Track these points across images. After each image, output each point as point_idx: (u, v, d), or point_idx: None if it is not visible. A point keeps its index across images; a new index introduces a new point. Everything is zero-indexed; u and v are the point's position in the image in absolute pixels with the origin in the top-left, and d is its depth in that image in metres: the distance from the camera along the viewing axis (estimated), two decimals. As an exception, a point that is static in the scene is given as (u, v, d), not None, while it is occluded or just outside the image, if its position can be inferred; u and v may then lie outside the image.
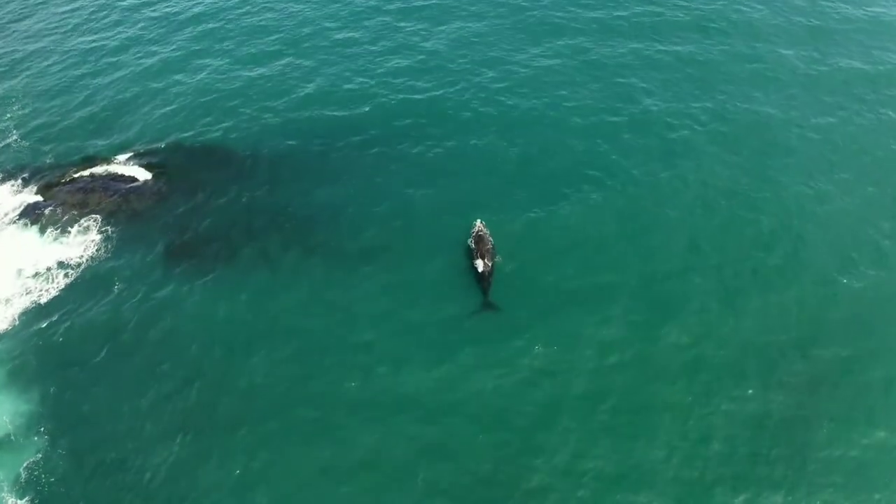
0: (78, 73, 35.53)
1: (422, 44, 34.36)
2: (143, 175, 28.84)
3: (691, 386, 20.34)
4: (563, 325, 21.97)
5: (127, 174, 28.82)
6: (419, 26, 35.55)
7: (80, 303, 24.30)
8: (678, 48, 32.96)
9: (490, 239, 23.92)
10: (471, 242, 24.02)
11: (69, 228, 26.76)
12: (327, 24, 36.60)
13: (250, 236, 25.91)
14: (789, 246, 24.04)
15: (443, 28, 34.95)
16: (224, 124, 31.12)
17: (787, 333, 21.64)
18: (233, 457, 19.77)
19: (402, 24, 35.89)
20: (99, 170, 29.12)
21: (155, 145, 30.37)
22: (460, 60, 32.85)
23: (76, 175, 28.99)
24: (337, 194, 27.02)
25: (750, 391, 20.27)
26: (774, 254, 23.80)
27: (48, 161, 30.21)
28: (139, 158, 29.73)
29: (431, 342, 21.88)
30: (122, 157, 29.79)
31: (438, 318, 22.56)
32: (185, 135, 30.78)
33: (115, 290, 24.55)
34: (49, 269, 25.38)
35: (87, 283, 24.94)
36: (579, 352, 21.25)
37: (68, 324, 23.60)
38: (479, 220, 24.90)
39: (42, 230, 26.79)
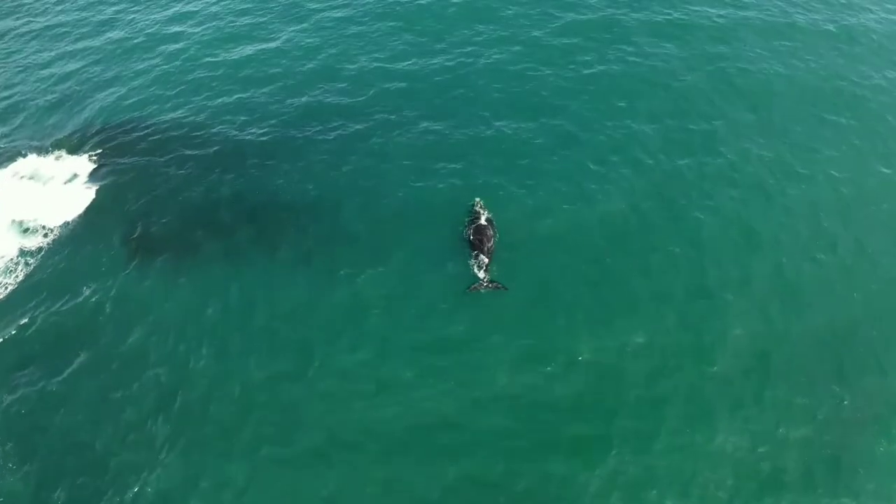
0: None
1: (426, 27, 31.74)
2: (103, 163, 26.00)
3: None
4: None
5: (86, 162, 26.03)
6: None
7: (43, 300, 21.40)
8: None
9: (490, 232, 21.42)
10: (469, 234, 21.48)
11: (28, 218, 23.84)
12: (316, 5, 33.82)
13: (230, 229, 23.06)
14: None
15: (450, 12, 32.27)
16: (200, 106, 28.26)
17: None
18: (225, 481, 17.03)
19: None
20: (54, 158, 26.36)
21: (119, 131, 27.52)
22: (468, 46, 30.29)
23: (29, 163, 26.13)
24: (325, 182, 24.27)
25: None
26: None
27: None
28: (99, 146, 26.80)
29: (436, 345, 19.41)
30: (79, 144, 26.94)
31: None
32: (154, 119, 27.94)
33: (81, 288, 21.64)
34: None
35: (50, 280, 22.05)
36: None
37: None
38: (477, 200, 22.59)
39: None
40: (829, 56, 28.66)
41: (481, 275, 20.43)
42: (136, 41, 32.76)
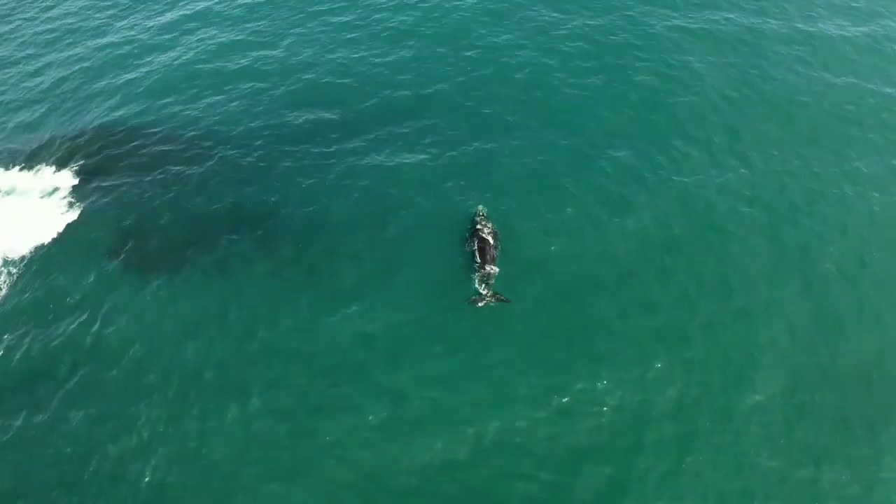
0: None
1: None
2: (89, 177, 24.78)
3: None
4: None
5: (70, 176, 24.84)
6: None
7: (24, 323, 20.33)
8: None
9: (493, 241, 20.43)
10: (472, 245, 20.44)
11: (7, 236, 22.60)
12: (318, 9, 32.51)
13: (226, 247, 21.89)
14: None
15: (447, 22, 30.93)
16: (194, 118, 26.98)
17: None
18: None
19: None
20: (34, 172, 25.11)
21: (106, 142, 26.29)
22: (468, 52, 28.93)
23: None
24: (325, 197, 23.04)
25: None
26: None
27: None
28: (85, 158, 25.58)
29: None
30: (64, 157, 25.71)
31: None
32: (144, 130, 26.63)
33: (65, 310, 20.55)
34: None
35: (32, 301, 20.88)
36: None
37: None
38: (480, 208, 21.58)
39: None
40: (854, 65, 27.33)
41: (483, 288, 19.43)
42: (125, 49, 31.49)
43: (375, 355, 18.56)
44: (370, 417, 17.27)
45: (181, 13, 33.33)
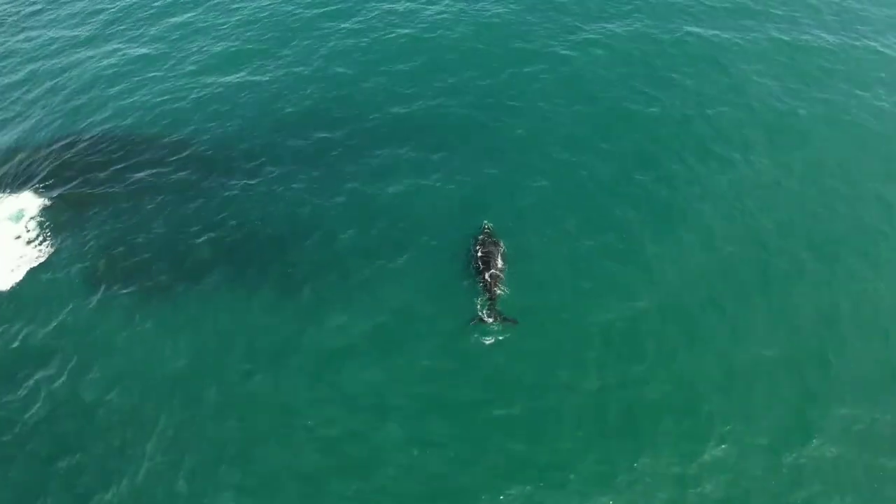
0: None
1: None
2: (57, 194, 22.73)
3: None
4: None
5: (33, 196, 22.77)
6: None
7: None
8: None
9: (499, 260, 19.14)
10: (476, 261, 19.11)
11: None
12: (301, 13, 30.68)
13: (208, 266, 20.19)
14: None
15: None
16: (169, 128, 25.15)
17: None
18: None
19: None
20: None
21: (76, 156, 24.36)
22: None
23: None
24: (314, 213, 21.46)
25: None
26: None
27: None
28: (53, 175, 23.52)
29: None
30: (29, 175, 23.59)
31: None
32: (117, 143, 24.75)
33: (33, 336, 18.80)
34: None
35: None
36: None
37: None
38: (486, 223, 20.30)
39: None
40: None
41: (487, 310, 18.05)
42: (103, 63, 29.28)
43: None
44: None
45: (160, 23, 31.35)
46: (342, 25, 29.49)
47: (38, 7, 34.13)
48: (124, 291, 19.72)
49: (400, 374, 17.17)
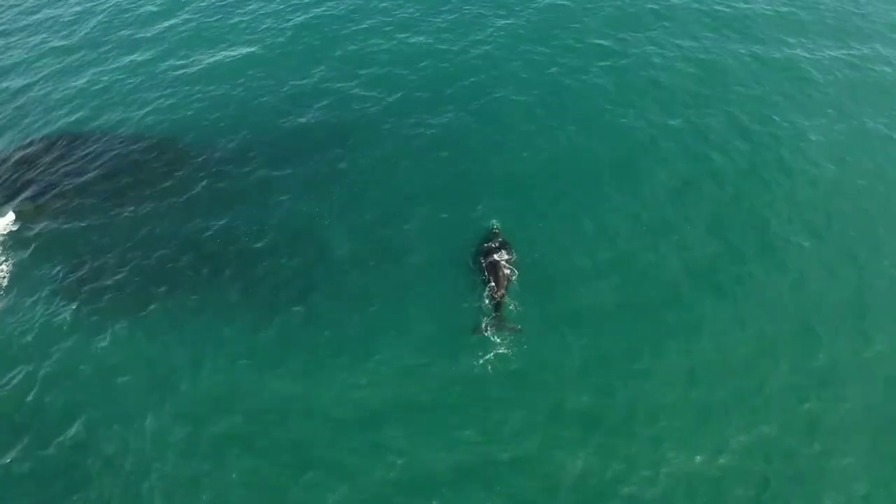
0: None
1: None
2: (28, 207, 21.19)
3: None
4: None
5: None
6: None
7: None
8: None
9: (507, 264, 17.74)
10: (482, 264, 17.84)
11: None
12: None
13: (195, 286, 18.59)
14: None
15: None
16: (153, 129, 23.73)
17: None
18: None
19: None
20: None
21: (49, 161, 22.93)
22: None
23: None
24: (309, 223, 19.93)
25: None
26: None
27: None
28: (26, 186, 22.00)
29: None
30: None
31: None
32: (95, 146, 23.29)
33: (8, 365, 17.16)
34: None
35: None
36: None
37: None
38: (494, 223, 19.04)
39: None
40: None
41: (492, 316, 16.75)
42: (76, 54, 28.05)
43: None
44: None
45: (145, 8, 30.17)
46: (340, 31, 28.10)
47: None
48: (94, 307, 18.22)
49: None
